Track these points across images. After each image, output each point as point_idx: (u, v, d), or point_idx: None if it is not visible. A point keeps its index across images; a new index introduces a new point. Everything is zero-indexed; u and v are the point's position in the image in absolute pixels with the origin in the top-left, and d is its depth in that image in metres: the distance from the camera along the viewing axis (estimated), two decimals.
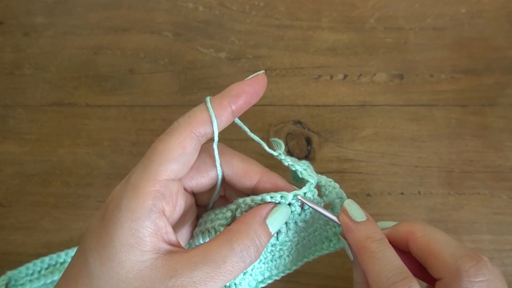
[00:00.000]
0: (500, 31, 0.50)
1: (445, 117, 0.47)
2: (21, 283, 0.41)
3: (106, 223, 0.26)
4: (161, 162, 0.26)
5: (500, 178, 0.45)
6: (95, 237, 0.26)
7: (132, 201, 0.25)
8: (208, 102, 0.28)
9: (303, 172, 0.31)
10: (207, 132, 0.28)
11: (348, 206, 0.31)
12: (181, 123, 0.28)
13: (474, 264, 0.27)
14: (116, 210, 0.26)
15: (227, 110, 0.28)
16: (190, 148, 0.27)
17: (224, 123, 0.29)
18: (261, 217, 0.28)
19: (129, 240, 0.25)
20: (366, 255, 0.28)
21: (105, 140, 0.48)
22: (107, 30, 0.53)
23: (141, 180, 0.26)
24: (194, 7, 0.53)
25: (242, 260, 0.26)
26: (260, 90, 0.29)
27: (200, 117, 0.28)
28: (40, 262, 0.42)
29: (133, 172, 0.27)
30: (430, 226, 0.30)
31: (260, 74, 0.30)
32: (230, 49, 0.51)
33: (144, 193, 0.26)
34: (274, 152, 0.31)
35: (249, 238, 0.27)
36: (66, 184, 0.46)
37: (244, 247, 0.26)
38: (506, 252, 0.42)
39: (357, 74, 0.49)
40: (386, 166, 0.45)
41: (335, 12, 0.52)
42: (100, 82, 0.50)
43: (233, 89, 0.29)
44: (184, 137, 0.27)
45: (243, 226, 0.27)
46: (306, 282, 0.42)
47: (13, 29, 0.53)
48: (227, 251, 0.26)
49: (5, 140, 0.48)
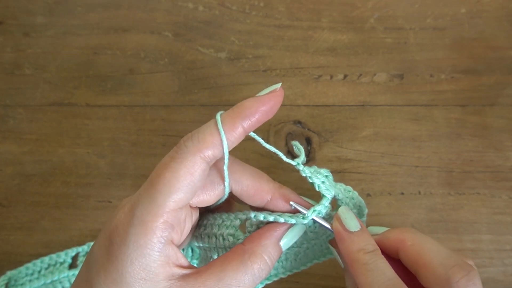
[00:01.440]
0: (500, 31, 0.50)
1: (445, 117, 0.47)
2: (21, 283, 0.41)
3: (114, 258, 0.25)
4: (169, 192, 0.25)
5: (500, 178, 0.45)
6: (103, 271, 0.25)
7: (140, 237, 0.25)
8: (219, 122, 0.26)
9: (320, 186, 0.30)
10: (217, 154, 0.26)
11: (342, 214, 0.30)
12: (189, 148, 0.26)
13: (465, 275, 0.26)
14: (123, 246, 0.25)
15: (238, 130, 0.26)
16: (199, 175, 0.26)
17: (234, 144, 0.27)
18: (276, 239, 0.28)
19: (141, 275, 0.25)
20: (358, 266, 0.28)
21: (105, 140, 0.48)
22: (107, 30, 0.53)
23: (148, 215, 0.25)
24: (194, 7, 0.53)
25: (254, 281, 0.27)
26: (275, 107, 0.27)
27: (210, 141, 0.26)
28: (40, 262, 0.42)
29: (138, 202, 0.25)
30: (421, 234, 0.29)
31: (277, 89, 0.27)
32: (230, 49, 0.51)
33: (152, 228, 0.25)
34: (292, 161, 0.29)
35: (263, 261, 0.27)
36: (66, 184, 0.46)
37: (258, 270, 0.27)
38: (506, 252, 0.42)
39: (357, 74, 0.49)
40: (386, 166, 0.45)
41: (335, 12, 0.52)
42: (100, 82, 0.50)
43: (247, 107, 0.27)
44: (192, 164, 0.25)
45: (258, 248, 0.27)
46: (306, 282, 0.42)
47: (13, 29, 0.53)
48: (242, 275, 0.26)
49: (5, 140, 0.48)
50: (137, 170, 0.46)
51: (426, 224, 0.43)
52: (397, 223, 0.43)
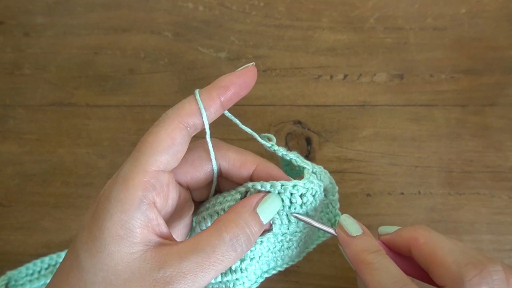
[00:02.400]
0: (500, 31, 0.50)
1: (445, 117, 0.47)
2: (21, 283, 0.41)
3: (96, 216, 0.25)
4: (150, 153, 0.26)
5: (500, 178, 0.45)
6: (86, 230, 0.26)
7: (121, 192, 0.25)
8: (197, 94, 0.28)
9: (297, 160, 0.31)
10: (196, 123, 0.28)
11: (344, 222, 0.31)
12: (169, 114, 0.28)
13: (477, 273, 0.26)
14: (106, 202, 0.25)
15: (216, 102, 0.28)
16: (179, 139, 0.27)
17: (213, 115, 0.29)
18: (251, 206, 0.28)
19: (118, 231, 0.25)
20: (363, 267, 0.28)
21: (105, 140, 0.48)
22: (107, 30, 0.53)
23: (131, 172, 0.26)
24: (194, 7, 0.53)
25: (233, 249, 0.26)
26: (250, 82, 0.29)
27: (189, 108, 0.28)
28: (40, 262, 0.42)
29: (123, 165, 0.27)
30: (434, 232, 0.29)
31: (249, 65, 0.30)
32: (230, 49, 0.51)
33: (134, 185, 0.25)
34: (267, 143, 0.31)
35: (238, 226, 0.27)
36: (66, 184, 0.46)
37: (234, 236, 0.26)
38: (506, 252, 0.42)
39: (357, 74, 0.49)
40: (386, 166, 0.45)
41: (335, 12, 0.52)
42: (100, 82, 0.50)
43: (222, 80, 0.29)
44: (172, 128, 0.27)
45: (233, 215, 0.27)
46: (306, 282, 0.42)
47: (13, 29, 0.53)
48: (216, 240, 0.26)
49: (5, 140, 0.48)
50: None
51: (426, 224, 0.43)
52: (397, 223, 0.43)
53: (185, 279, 0.24)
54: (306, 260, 0.41)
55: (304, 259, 0.41)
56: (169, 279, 0.24)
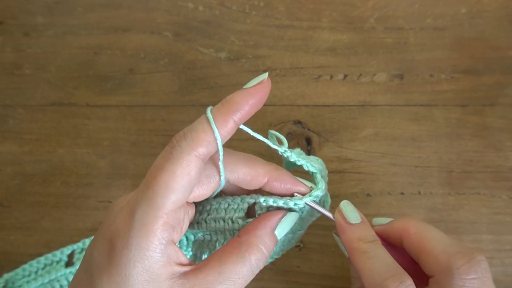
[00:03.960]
0: (500, 31, 0.50)
1: (445, 117, 0.47)
2: (18, 284, 0.41)
3: (116, 262, 0.25)
4: (167, 194, 0.25)
5: (500, 178, 0.45)
6: (106, 275, 0.25)
7: (141, 240, 0.25)
8: (211, 119, 0.26)
9: (308, 166, 0.31)
10: (211, 151, 0.26)
11: (343, 207, 0.31)
12: (183, 147, 0.26)
13: (466, 262, 0.26)
14: (125, 250, 0.25)
15: (230, 125, 0.27)
16: (195, 173, 0.26)
17: (226, 138, 0.27)
18: (271, 228, 0.28)
19: (144, 276, 0.25)
20: (358, 255, 0.29)
21: (105, 140, 0.48)
22: (107, 30, 0.53)
23: (148, 217, 0.25)
24: (194, 7, 0.53)
25: (252, 272, 0.27)
26: (264, 98, 0.28)
27: (204, 139, 0.26)
28: (36, 262, 0.42)
29: (136, 204, 0.26)
30: (425, 223, 0.30)
31: (264, 79, 0.27)
32: (230, 49, 0.51)
33: (153, 230, 0.25)
34: (280, 148, 0.31)
35: (260, 252, 0.27)
36: (66, 184, 0.46)
37: (256, 261, 0.27)
38: (506, 252, 0.42)
39: (357, 74, 0.49)
40: (386, 166, 0.45)
41: (335, 12, 0.52)
42: (100, 82, 0.50)
43: (236, 102, 0.27)
44: (188, 163, 0.25)
45: (254, 240, 0.28)
46: (306, 282, 0.42)
47: (13, 29, 0.53)
48: (241, 267, 0.26)
49: (5, 140, 0.48)
50: (137, 170, 0.46)
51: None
52: None
53: None
54: (306, 260, 0.42)
55: (304, 259, 0.42)
56: None
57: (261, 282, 0.36)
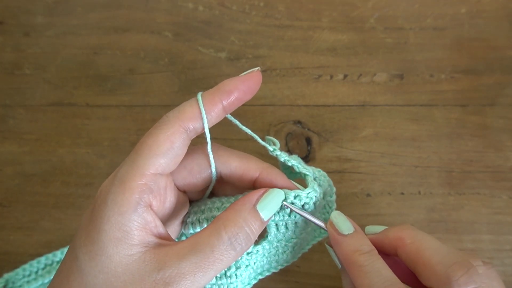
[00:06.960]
0: (500, 31, 0.50)
1: (445, 117, 0.47)
2: (19, 285, 0.41)
3: (94, 218, 0.26)
4: (148, 156, 0.26)
5: (500, 178, 0.45)
6: (84, 233, 0.26)
7: (118, 195, 0.25)
8: (199, 97, 0.28)
9: (299, 166, 0.31)
10: (197, 127, 0.27)
11: (334, 219, 0.30)
12: (170, 117, 0.27)
13: (464, 273, 0.26)
14: (103, 205, 0.25)
15: (218, 106, 0.28)
16: (178, 143, 0.27)
17: (214, 119, 0.28)
18: (251, 203, 0.27)
19: (116, 234, 0.25)
20: (355, 269, 0.28)
21: (105, 140, 0.48)
22: (107, 30, 0.53)
23: (128, 175, 0.26)
24: (194, 7, 0.53)
25: (232, 248, 0.26)
26: (254, 87, 0.29)
27: (190, 112, 0.27)
28: (36, 262, 0.42)
29: (120, 167, 0.27)
30: (420, 232, 0.29)
31: (254, 70, 0.29)
32: (230, 49, 0.51)
33: (131, 187, 0.25)
34: (269, 146, 0.31)
35: (237, 225, 0.26)
36: (66, 184, 0.46)
37: (233, 235, 0.26)
38: (506, 252, 0.42)
39: (357, 74, 0.49)
40: (386, 166, 0.45)
41: (335, 12, 0.52)
42: (100, 82, 0.50)
43: (225, 85, 0.28)
44: (172, 132, 0.27)
45: (232, 214, 0.27)
46: (306, 282, 0.42)
47: (13, 29, 0.53)
48: (214, 240, 0.25)
49: (5, 140, 0.48)
50: None
51: (426, 224, 0.43)
52: (397, 223, 0.43)
53: (184, 280, 0.24)
54: (306, 260, 0.42)
55: (304, 259, 0.41)
56: (169, 280, 0.24)
57: (261, 282, 0.36)
